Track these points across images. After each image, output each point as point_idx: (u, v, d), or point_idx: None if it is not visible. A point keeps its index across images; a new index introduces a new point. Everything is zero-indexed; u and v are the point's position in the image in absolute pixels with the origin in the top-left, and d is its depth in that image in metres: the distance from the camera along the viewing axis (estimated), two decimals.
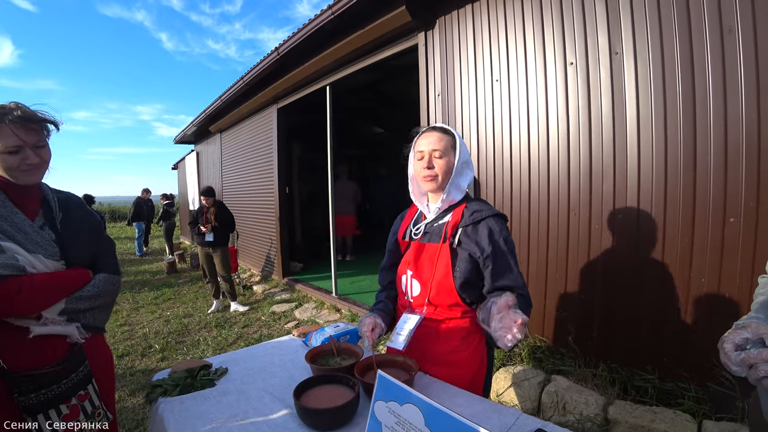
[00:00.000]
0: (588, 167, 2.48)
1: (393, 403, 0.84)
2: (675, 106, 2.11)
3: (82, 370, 1.31)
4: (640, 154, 2.25)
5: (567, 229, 2.61)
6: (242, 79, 6.04)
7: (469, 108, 3.17)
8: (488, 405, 1.18)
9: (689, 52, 2.05)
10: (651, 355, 2.28)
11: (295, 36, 4.46)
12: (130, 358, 3.88)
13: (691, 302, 2.12)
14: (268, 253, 6.96)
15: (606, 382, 2.39)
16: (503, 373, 2.70)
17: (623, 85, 2.30)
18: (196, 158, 11.09)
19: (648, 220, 2.24)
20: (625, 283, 2.35)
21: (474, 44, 3.10)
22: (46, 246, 1.26)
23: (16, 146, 1.18)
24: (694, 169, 2.06)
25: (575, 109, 2.53)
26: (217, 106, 7.58)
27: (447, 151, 1.38)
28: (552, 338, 2.75)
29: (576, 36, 2.49)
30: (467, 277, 1.33)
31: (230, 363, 1.56)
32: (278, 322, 4.76)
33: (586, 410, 2.27)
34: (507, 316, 1.11)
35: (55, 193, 1.40)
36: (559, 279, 2.67)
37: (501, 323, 1.12)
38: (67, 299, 1.28)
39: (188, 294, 6.32)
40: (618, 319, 2.40)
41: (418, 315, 1.37)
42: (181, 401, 1.29)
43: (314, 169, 7.67)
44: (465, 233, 1.35)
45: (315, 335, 1.67)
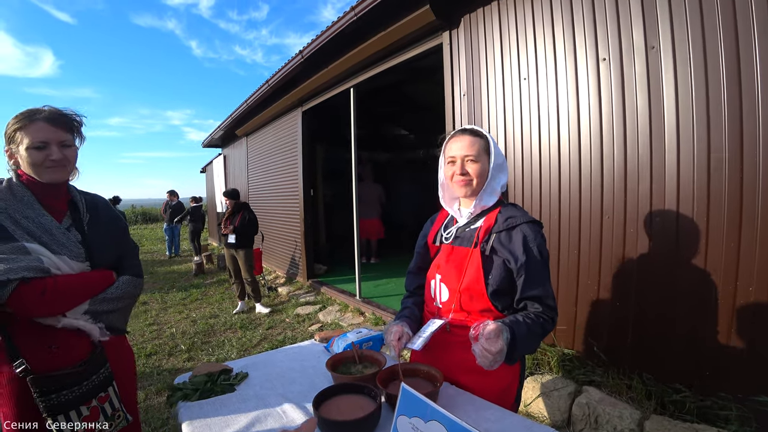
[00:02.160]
0: (623, 168, 2.35)
1: (417, 419, 0.78)
2: (719, 101, 1.97)
3: (104, 371, 1.31)
4: (680, 153, 2.12)
5: (600, 233, 2.49)
6: (267, 82, 6.10)
7: (496, 108, 3.08)
8: (518, 420, 1.11)
9: (735, 45, 1.91)
10: (690, 368, 2.14)
11: (319, 38, 4.47)
12: (157, 357, 3.96)
13: (736, 313, 1.98)
14: (293, 255, 7.00)
15: (641, 395, 2.25)
16: (531, 382, 2.60)
17: (660, 82, 2.18)
18: (223, 161, 11.32)
19: (689, 224, 2.10)
20: (663, 290, 2.22)
21: (500, 42, 3.02)
22: (71, 247, 1.27)
23: (43, 142, 1.21)
24: (741, 170, 1.92)
25: (608, 107, 2.41)
26: (243, 110, 7.70)
27: (480, 156, 1.33)
28: (583, 347, 2.63)
29: (609, 30, 2.38)
30: (501, 284, 1.27)
31: (250, 367, 1.54)
32: (302, 325, 4.76)
33: (620, 425, 2.15)
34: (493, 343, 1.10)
35: (82, 195, 1.42)
36: (591, 285, 2.55)
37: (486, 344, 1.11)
38: (91, 301, 1.29)
39: (215, 295, 6.43)
40: (654, 329, 2.27)
41: (443, 320, 1.32)
42: (200, 406, 1.27)
43: (338, 172, 7.69)
44: (499, 240, 1.30)
45: (337, 341, 1.63)
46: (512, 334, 1.15)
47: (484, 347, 1.10)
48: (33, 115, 1.22)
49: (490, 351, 1.09)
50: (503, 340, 1.11)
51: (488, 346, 1.09)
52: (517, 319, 1.21)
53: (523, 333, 1.17)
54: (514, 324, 1.18)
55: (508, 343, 1.12)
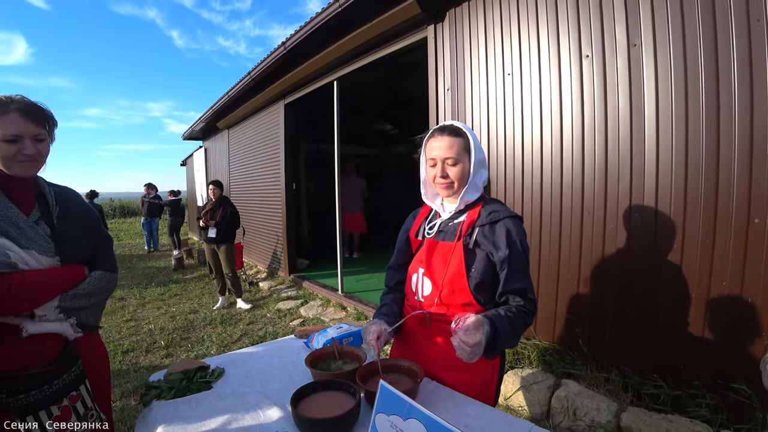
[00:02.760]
0: (603, 164, 2.38)
1: (395, 417, 0.77)
2: (697, 100, 2.01)
3: (75, 370, 1.27)
4: (659, 150, 2.15)
5: (580, 229, 2.51)
6: (249, 74, 5.99)
7: (480, 103, 3.08)
8: (498, 416, 1.10)
9: (713, 44, 1.94)
10: (666, 361, 2.18)
11: (302, 30, 4.39)
12: (134, 354, 3.87)
13: (711, 307, 2.03)
14: (275, 250, 6.93)
15: (619, 387, 2.30)
16: (511, 375, 2.62)
17: (642, 79, 2.20)
18: (204, 154, 11.11)
19: (667, 221, 2.14)
20: (641, 285, 2.26)
21: (485, 37, 3.01)
22: (40, 241, 1.21)
23: (15, 135, 1.15)
24: (717, 168, 1.96)
25: (590, 104, 2.43)
26: (224, 102, 7.55)
27: (460, 157, 1.31)
28: (562, 341, 2.66)
29: (592, 27, 2.39)
30: (484, 278, 1.27)
31: (228, 364, 1.50)
32: (283, 320, 4.71)
33: (598, 417, 2.19)
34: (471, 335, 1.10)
35: (51, 187, 1.36)
36: (571, 280, 2.58)
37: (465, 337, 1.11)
38: (62, 297, 1.23)
39: (195, 290, 6.31)
40: (632, 323, 2.31)
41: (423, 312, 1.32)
42: (176, 405, 1.24)
43: (321, 166, 7.62)
44: (482, 233, 1.30)
45: (317, 337, 1.61)
46: (494, 327, 1.15)
47: (462, 339, 1.09)
48: (5, 106, 1.15)
49: (467, 343, 1.09)
50: (482, 332, 1.11)
51: (466, 338, 1.09)
52: (498, 313, 1.21)
53: (505, 327, 1.18)
54: (496, 318, 1.18)
55: (490, 337, 1.12)
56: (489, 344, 1.13)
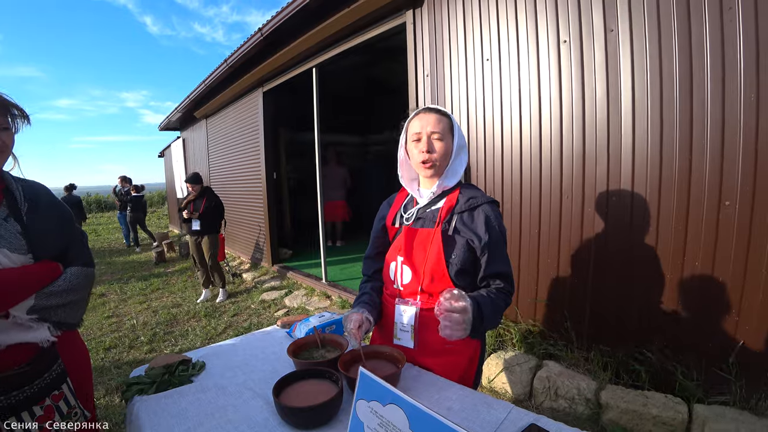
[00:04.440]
0: (581, 149, 2.41)
1: (375, 402, 0.77)
2: (672, 86, 2.04)
3: (56, 369, 1.23)
4: (635, 135, 2.19)
5: (560, 213, 2.55)
6: (226, 61, 5.85)
7: (459, 89, 3.08)
8: (479, 398, 1.12)
9: (687, 30, 1.97)
10: (643, 339, 2.26)
11: (280, 15, 4.30)
12: (117, 350, 3.81)
13: (685, 286, 2.09)
14: (257, 240, 6.86)
15: (598, 366, 2.37)
16: (494, 359, 2.67)
17: (618, 64, 2.23)
18: (182, 145, 10.86)
19: (642, 203, 2.19)
20: (618, 266, 2.32)
21: (464, 22, 2.99)
22: (10, 239, 1.16)
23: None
24: (690, 151, 2.01)
25: (568, 89, 2.45)
26: (201, 91, 7.37)
27: (445, 134, 1.32)
28: (543, 323, 2.72)
29: (570, 12, 2.40)
30: (464, 264, 1.28)
31: (211, 357, 1.49)
32: (268, 310, 4.70)
33: (578, 396, 2.26)
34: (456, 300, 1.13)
35: (19, 182, 1.30)
36: (551, 263, 2.63)
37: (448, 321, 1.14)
38: (37, 295, 1.19)
39: (177, 284, 6.23)
40: (610, 303, 2.37)
41: (414, 307, 1.31)
42: (158, 400, 1.22)
43: (302, 155, 7.53)
44: (461, 220, 1.30)
45: (299, 326, 1.61)
46: (478, 305, 1.17)
47: (448, 309, 1.11)
48: None
49: (455, 309, 1.11)
50: (464, 298, 1.13)
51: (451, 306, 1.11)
52: (481, 294, 1.23)
53: (488, 307, 1.20)
54: (480, 298, 1.20)
55: (475, 313, 1.14)
56: (474, 322, 1.14)
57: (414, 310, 1.31)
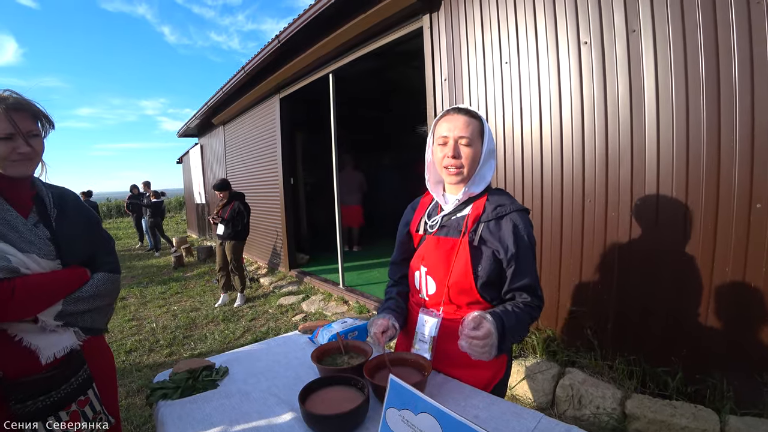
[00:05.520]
0: (604, 151, 2.36)
1: (407, 411, 0.76)
2: (697, 85, 1.99)
3: (82, 374, 1.25)
4: (660, 137, 2.14)
5: (582, 217, 2.51)
6: (243, 69, 5.93)
7: (477, 92, 3.06)
8: (506, 407, 1.10)
9: (713, 27, 1.92)
10: (670, 347, 2.19)
11: (297, 22, 4.34)
12: (137, 353, 3.87)
13: (714, 292, 2.03)
14: (274, 245, 6.91)
15: (623, 375, 2.30)
16: (516, 365, 2.63)
17: (641, 65, 2.18)
18: (200, 151, 11.04)
19: (668, 206, 2.13)
20: (643, 272, 2.26)
21: (482, 25, 2.98)
22: (40, 245, 1.19)
23: (8, 133, 1.12)
24: (718, 152, 1.95)
25: (590, 91, 2.41)
26: (219, 98, 7.48)
27: (474, 139, 1.23)
28: (566, 329, 2.67)
29: (590, 13, 2.36)
30: (490, 276, 1.23)
31: (233, 362, 1.50)
32: (285, 315, 4.72)
33: (603, 404, 2.20)
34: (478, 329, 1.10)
35: (48, 189, 1.33)
36: (574, 268, 2.58)
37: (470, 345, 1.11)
38: (65, 301, 1.21)
39: (195, 288, 6.31)
40: (635, 310, 2.31)
41: (436, 318, 1.27)
42: (182, 405, 1.23)
43: (318, 160, 7.58)
44: (488, 229, 1.23)
45: (321, 332, 1.60)
46: (502, 323, 1.13)
47: (470, 336, 1.08)
48: None
49: (477, 337, 1.08)
50: (488, 322, 1.10)
51: (473, 334, 1.08)
52: (506, 309, 1.19)
53: (512, 322, 1.15)
54: (504, 314, 1.16)
55: (498, 330, 1.11)
56: (498, 340, 1.11)
57: (436, 321, 1.27)
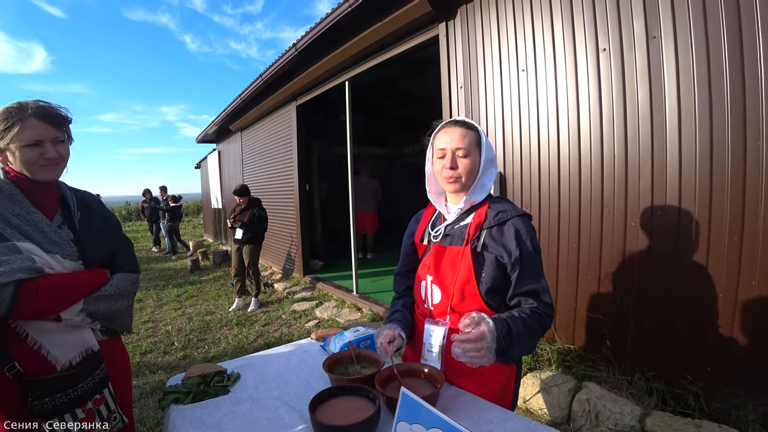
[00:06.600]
0: (623, 160, 2.31)
1: (418, 425, 0.74)
2: (721, 92, 1.94)
3: (99, 373, 1.28)
4: (681, 145, 2.08)
5: (600, 227, 2.45)
6: (261, 76, 6.02)
7: (494, 100, 3.03)
8: (520, 422, 1.07)
9: (737, 33, 1.87)
10: (692, 364, 2.11)
11: (313, 31, 4.39)
12: (152, 355, 3.91)
13: (739, 307, 1.95)
14: (289, 251, 6.95)
15: (642, 391, 2.23)
16: (531, 378, 2.57)
17: (662, 72, 2.14)
18: (217, 157, 11.22)
19: (691, 217, 2.07)
20: (664, 284, 2.19)
21: (498, 33, 2.96)
22: (64, 246, 1.23)
23: (36, 140, 1.17)
24: (744, 161, 1.89)
25: (609, 99, 2.37)
26: (236, 105, 7.60)
27: (471, 150, 1.26)
28: (583, 342, 2.61)
29: (609, 20, 2.33)
30: (495, 282, 1.22)
31: (245, 368, 1.50)
32: (299, 321, 4.72)
33: (621, 421, 2.13)
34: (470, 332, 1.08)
35: (73, 192, 1.38)
36: (592, 279, 2.52)
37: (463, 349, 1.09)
38: (86, 300, 1.25)
39: (211, 291, 6.37)
40: (655, 324, 2.24)
41: (443, 327, 1.26)
42: (193, 410, 1.23)
43: (334, 166, 7.62)
44: (490, 235, 1.24)
45: (334, 340, 1.59)
46: (508, 328, 1.11)
47: (460, 340, 1.06)
48: (23, 111, 1.17)
49: (468, 340, 1.05)
50: (485, 325, 1.07)
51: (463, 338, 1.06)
52: (512, 315, 1.17)
53: (519, 328, 1.13)
54: (510, 319, 1.14)
55: (504, 334, 1.08)
56: (504, 345, 1.09)
57: (443, 331, 1.25)
